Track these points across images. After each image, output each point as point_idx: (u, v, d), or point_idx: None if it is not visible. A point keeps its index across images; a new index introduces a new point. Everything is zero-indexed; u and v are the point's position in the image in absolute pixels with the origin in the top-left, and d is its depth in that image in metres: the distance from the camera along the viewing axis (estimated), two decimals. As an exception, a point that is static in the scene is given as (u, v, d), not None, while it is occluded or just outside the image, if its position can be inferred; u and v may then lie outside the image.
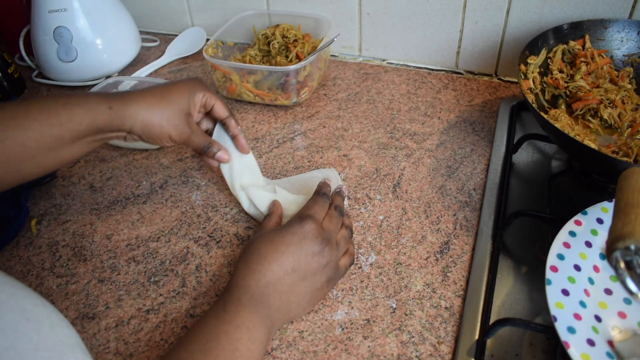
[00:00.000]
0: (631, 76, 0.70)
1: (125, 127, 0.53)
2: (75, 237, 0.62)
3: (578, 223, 0.51)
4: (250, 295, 0.46)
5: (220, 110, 0.61)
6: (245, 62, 0.84)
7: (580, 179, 0.64)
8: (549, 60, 0.71)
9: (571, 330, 0.42)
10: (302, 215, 0.51)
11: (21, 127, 0.49)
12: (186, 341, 0.43)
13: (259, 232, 0.53)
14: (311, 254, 0.49)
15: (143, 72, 0.91)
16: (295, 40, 0.85)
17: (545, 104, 0.69)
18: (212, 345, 0.42)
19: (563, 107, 0.69)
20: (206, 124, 0.63)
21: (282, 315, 0.48)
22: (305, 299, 0.49)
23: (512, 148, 0.69)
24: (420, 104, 0.80)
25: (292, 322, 0.51)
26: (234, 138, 0.62)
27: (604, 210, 0.53)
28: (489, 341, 0.49)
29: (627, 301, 0.46)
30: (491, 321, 0.49)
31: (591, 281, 0.47)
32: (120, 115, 0.52)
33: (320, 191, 0.56)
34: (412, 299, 0.52)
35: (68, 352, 0.34)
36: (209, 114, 0.62)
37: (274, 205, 0.59)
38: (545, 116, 0.61)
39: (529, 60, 0.69)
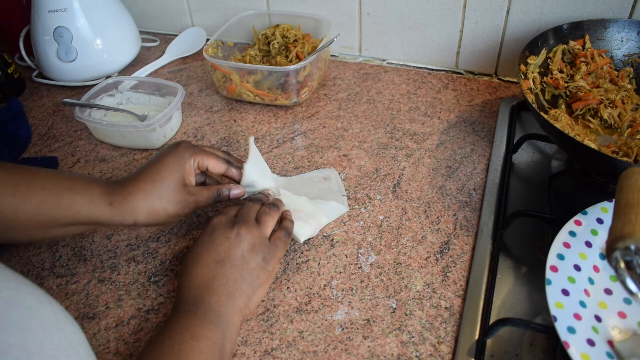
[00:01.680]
0: (631, 76, 0.70)
1: (128, 222, 0.52)
2: (75, 237, 0.62)
3: (578, 223, 0.51)
4: (184, 302, 0.47)
5: (216, 166, 0.57)
6: (245, 62, 0.84)
7: (580, 179, 0.64)
8: (549, 60, 0.71)
9: (571, 330, 0.42)
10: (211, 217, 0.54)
11: (19, 197, 0.49)
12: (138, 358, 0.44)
13: None
14: (226, 238, 0.50)
15: (143, 72, 0.91)
16: (295, 40, 0.85)
17: (545, 104, 0.69)
18: (158, 353, 0.43)
19: (563, 107, 0.69)
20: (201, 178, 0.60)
21: (231, 308, 0.48)
22: (246, 283, 0.49)
23: (512, 148, 0.69)
24: (420, 104, 0.80)
25: (292, 322, 0.51)
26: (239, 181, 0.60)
27: (604, 210, 0.53)
28: (489, 341, 0.49)
29: (627, 301, 0.46)
30: (491, 321, 0.49)
31: (591, 281, 0.47)
32: (121, 212, 0.51)
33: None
34: (412, 299, 0.52)
35: (72, 350, 0.34)
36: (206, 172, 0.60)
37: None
38: (545, 116, 0.61)
39: (529, 60, 0.69)
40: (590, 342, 0.42)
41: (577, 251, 0.49)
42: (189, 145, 0.56)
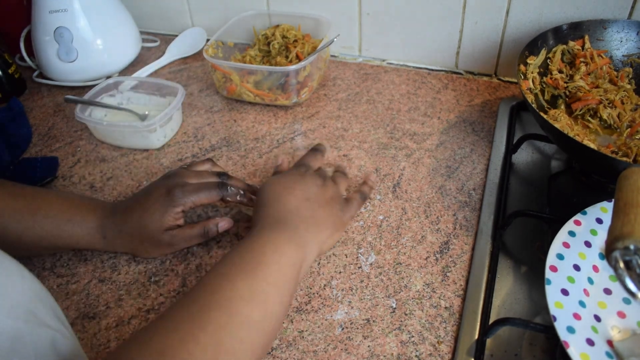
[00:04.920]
0: (630, 76, 0.70)
1: (118, 251, 0.58)
2: (76, 237, 0.62)
3: (577, 223, 0.51)
4: (274, 219, 0.48)
5: (210, 201, 0.56)
6: (245, 63, 0.84)
7: (580, 179, 0.65)
8: (548, 61, 0.71)
9: (571, 330, 0.42)
10: (296, 164, 0.60)
11: (24, 225, 0.52)
12: (222, 265, 0.43)
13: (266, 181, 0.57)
14: (315, 185, 0.54)
15: (143, 72, 0.91)
16: (295, 41, 0.85)
17: (545, 104, 0.69)
18: (237, 261, 0.43)
19: (562, 107, 0.69)
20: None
21: (313, 235, 0.50)
22: (329, 222, 0.53)
23: (511, 148, 0.69)
24: (420, 104, 0.80)
25: (292, 322, 0.51)
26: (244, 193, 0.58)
27: (604, 210, 0.53)
28: (488, 341, 0.49)
29: (627, 301, 0.46)
30: (491, 321, 0.49)
31: (591, 281, 0.47)
32: (113, 246, 0.56)
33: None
34: (412, 298, 0.52)
35: (37, 300, 0.36)
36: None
37: (282, 159, 0.64)
38: (545, 116, 0.61)
39: (528, 61, 0.69)
40: (590, 342, 0.42)
41: (577, 251, 0.49)
42: (179, 194, 0.54)
